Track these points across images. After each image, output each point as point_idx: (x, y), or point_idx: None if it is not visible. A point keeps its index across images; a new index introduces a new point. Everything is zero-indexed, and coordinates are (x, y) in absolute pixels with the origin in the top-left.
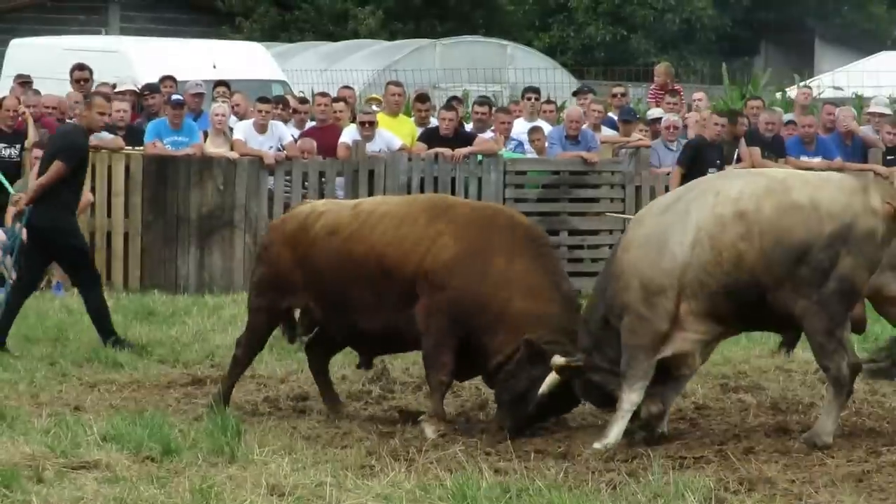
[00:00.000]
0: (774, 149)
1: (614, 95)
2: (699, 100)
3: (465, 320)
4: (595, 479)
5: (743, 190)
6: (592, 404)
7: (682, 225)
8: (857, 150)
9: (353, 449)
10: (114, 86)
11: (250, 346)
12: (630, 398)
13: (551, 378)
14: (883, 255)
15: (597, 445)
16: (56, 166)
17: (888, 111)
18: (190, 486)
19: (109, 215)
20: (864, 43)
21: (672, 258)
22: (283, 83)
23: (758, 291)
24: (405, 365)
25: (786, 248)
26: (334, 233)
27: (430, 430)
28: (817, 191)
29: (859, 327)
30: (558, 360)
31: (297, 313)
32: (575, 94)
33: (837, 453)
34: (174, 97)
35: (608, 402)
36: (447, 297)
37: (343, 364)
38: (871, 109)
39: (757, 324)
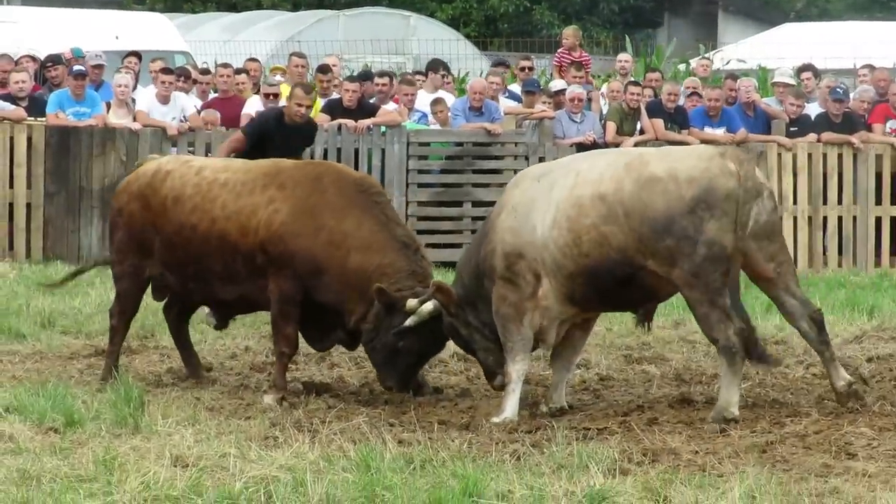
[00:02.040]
0: (677, 120)
1: (521, 69)
2: (626, 61)
3: (305, 283)
4: (499, 449)
5: (604, 172)
6: (456, 344)
7: (546, 201)
8: (759, 121)
9: (256, 420)
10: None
11: (124, 313)
12: (515, 369)
13: (413, 318)
14: (748, 218)
15: (495, 420)
16: None
17: (793, 81)
18: (93, 457)
19: (11, 186)
20: (768, 14)
21: (532, 231)
22: (186, 54)
23: (627, 270)
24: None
25: (651, 221)
26: (178, 202)
27: (268, 399)
28: (675, 161)
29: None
30: (412, 302)
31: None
32: (494, 65)
33: (741, 424)
34: (76, 68)
35: (470, 350)
36: (283, 263)
37: (246, 335)
38: (777, 79)
39: (616, 305)
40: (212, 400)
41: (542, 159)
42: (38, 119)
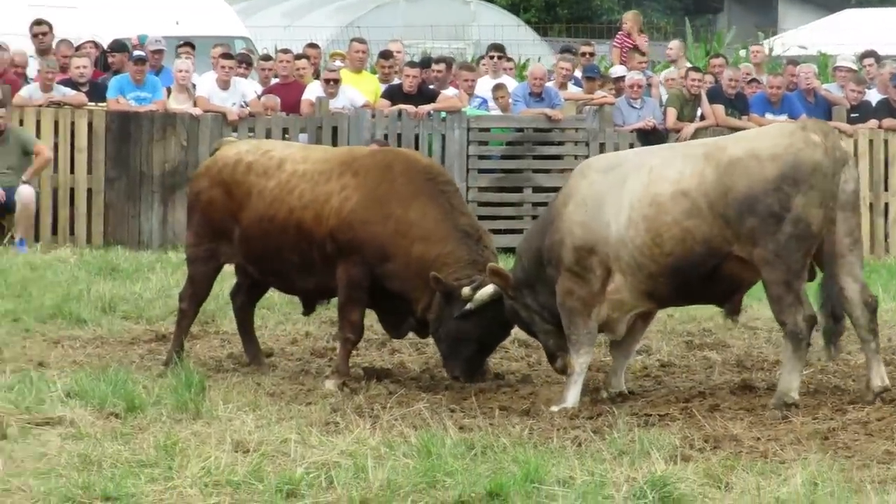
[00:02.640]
0: (737, 106)
1: (583, 54)
2: (671, 49)
3: (371, 269)
4: (560, 436)
5: (682, 168)
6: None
7: (617, 197)
8: (820, 107)
9: (317, 405)
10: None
11: (195, 297)
12: (579, 362)
13: (472, 303)
14: (837, 188)
15: (554, 409)
16: None
17: (855, 66)
18: (154, 442)
19: (72, 171)
20: (828, 0)
21: (605, 227)
22: (245, 39)
23: (713, 262)
24: (368, 322)
25: (735, 203)
26: (261, 195)
27: (330, 384)
28: (754, 141)
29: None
30: (466, 290)
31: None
32: (561, 52)
33: (802, 411)
34: (136, 53)
35: (531, 333)
36: (351, 249)
37: (307, 321)
38: (840, 63)
39: (699, 299)
40: (273, 385)
41: (602, 145)
42: (99, 104)
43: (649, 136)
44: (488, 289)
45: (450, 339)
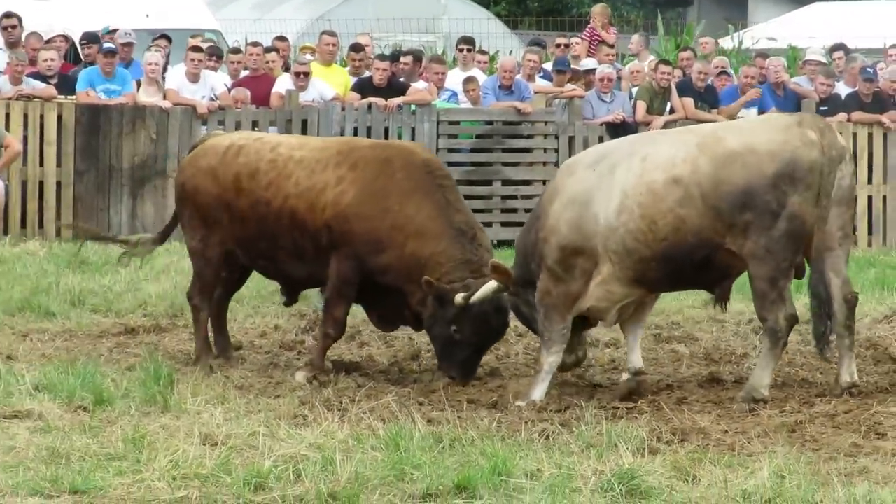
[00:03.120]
0: (707, 99)
1: (558, 45)
2: (632, 44)
3: (364, 262)
4: (528, 429)
5: (675, 154)
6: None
7: (608, 188)
8: (789, 100)
9: (286, 399)
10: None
11: (203, 292)
12: (549, 360)
13: (476, 296)
14: (832, 186)
15: (518, 403)
16: None
17: (825, 60)
18: (122, 435)
19: (42, 164)
20: None
21: (594, 221)
22: (216, 32)
23: (705, 252)
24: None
25: (729, 196)
26: (254, 178)
27: (300, 376)
28: (751, 135)
29: (798, 272)
30: (459, 299)
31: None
32: (529, 45)
33: (770, 404)
34: (106, 45)
35: (531, 328)
36: (345, 242)
37: (277, 314)
38: (809, 57)
39: (688, 285)
40: (241, 378)
41: (571, 139)
42: (69, 97)
43: (619, 130)
44: (487, 287)
45: (444, 340)
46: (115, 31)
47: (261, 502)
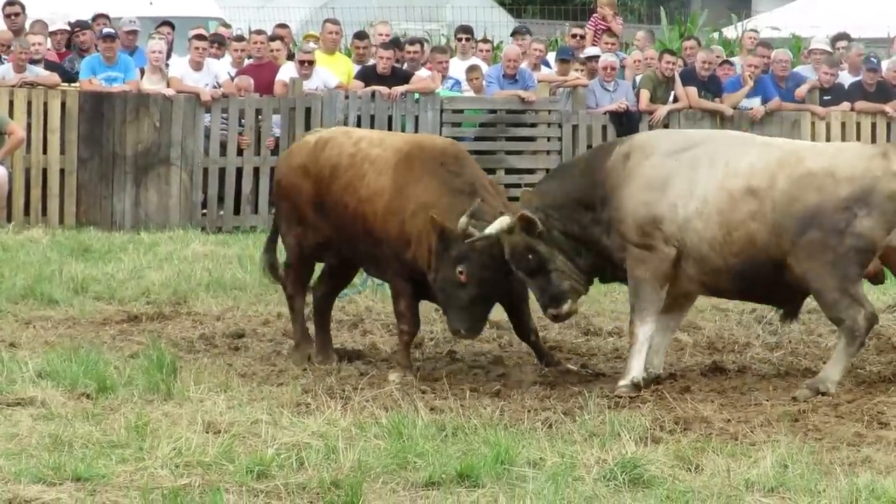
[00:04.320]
0: (710, 88)
1: (573, 36)
2: (638, 40)
3: (403, 259)
4: (531, 417)
5: (754, 164)
6: (515, 267)
7: (687, 183)
8: (791, 91)
9: (288, 387)
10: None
11: (297, 282)
12: (643, 330)
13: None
14: None
15: (622, 383)
16: None
17: (829, 48)
18: (125, 422)
19: (45, 152)
20: None
21: (672, 209)
22: (219, 20)
23: (773, 269)
24: (341, 304)
25: (797, 214)
26: (335, 175)
27: (393, 376)
28: (832, 159)
29: (877, 278)
30: (463, 220)
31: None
32: (513, 34)
33: (773, 393)
34: (105, 30)
35: (534, 275)
36: (395, 244)
37: (280, 302)
38: (814, 46)
39: (758, 300)
40: (244, 366)
41: (575, 127)
42: (72, 85)
43: (622, 119)
44: (499, 222)
45: (449, 286)
46: (102, 15)
47: (263, 490)
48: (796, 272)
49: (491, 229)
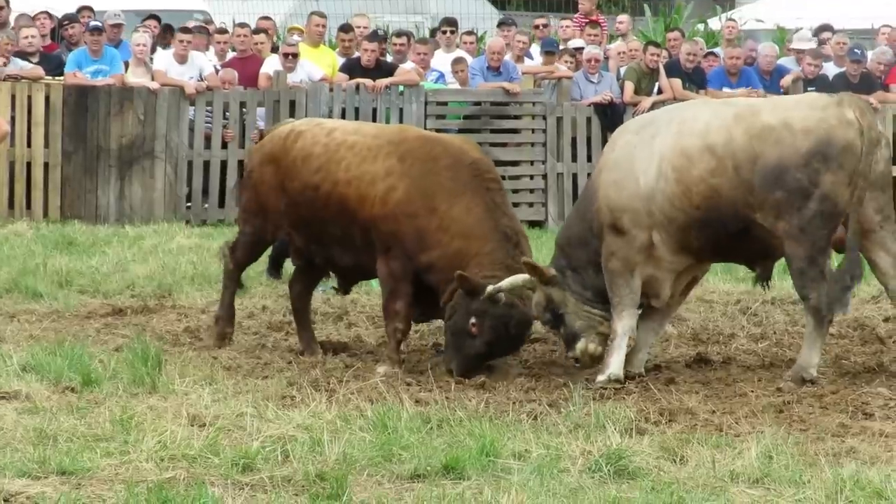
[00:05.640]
0: (695, 80)
1: (536, 27)
2: (621, 23)
3: (412, 261)
4: (516, 409)
5: (710, 122)
6: (542, 323)
7: (648, 151)
8: (776, 83)
9: (273, 379)
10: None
11: (238, 264)
12: (621, 325)
13: (505, 284)
14: (868, 169)
15: (600, 378)
16: None
17: (812, 45)
18: (110, 416)
19: (29, 145)
20: None
21: (635, 184)
22: (203, 13)
23: (739, 223)
24: (326, 297)
25: (762, 172)
26: (307, 161)
27: (381, 370)
28: (788, 111)
29: (836, 245)
30: (490, 289)
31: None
32: (499, 25)
33: (757, 384)
34: (92, 23)
35: (556, 326)
36: (394, 241)
37: (264, 295)
38: (795, 45)
39: (732, 255)
40: (229, 359)
41: (559, 119)
42: (56, 78)
43: (606, 111)
44: (515, 278)
45: (458, 331)
46: (86, 7)
47: (248, 483)
48: (768, 228)
49: (507, 283)
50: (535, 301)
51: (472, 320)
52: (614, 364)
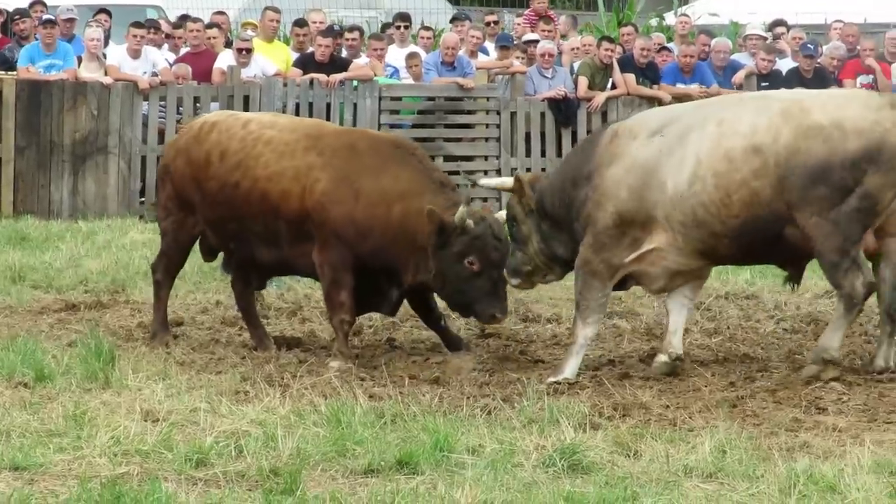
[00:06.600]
0: (649, 75)
1: (488, 24)
2: (558, 25)
3: (353, 250)
4: (470, 404)
5: (756, 121)
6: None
7: (680, 154)
8: (729, 77)
9: (227, 374)
10: None
11: (167, 270)
12: (584, 333)
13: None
14: None
15: (550, 379)
16: None
17: (765, 34)
18: (63, 411)
19: None
20: None
21: (661, 189)
22: (157, 8)
23: (776, 227)
24: (279, 292)
25: (801, 170)
26: (223, 157)
27: (334, 364)
28: (840, 110)
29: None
30: (461, 210)
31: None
32: (452, 21)
33: (711, 379)
34: (45, 17)
35: (514, 239)
36: (330, 232)
37: (218, 290)
38: (749, 32)
39: (764, 259)
40: (182, 354)
41: (513, 114)
42: (9, 73)
43: (560, 106)
44: (504, 179)
45: (461, 282)
46: (39, 2)
47: (202, 478)
48: (801, 227)
49: (491, 182)
50: (508, 208)
51: (467, 261)
52: (569, 370)
